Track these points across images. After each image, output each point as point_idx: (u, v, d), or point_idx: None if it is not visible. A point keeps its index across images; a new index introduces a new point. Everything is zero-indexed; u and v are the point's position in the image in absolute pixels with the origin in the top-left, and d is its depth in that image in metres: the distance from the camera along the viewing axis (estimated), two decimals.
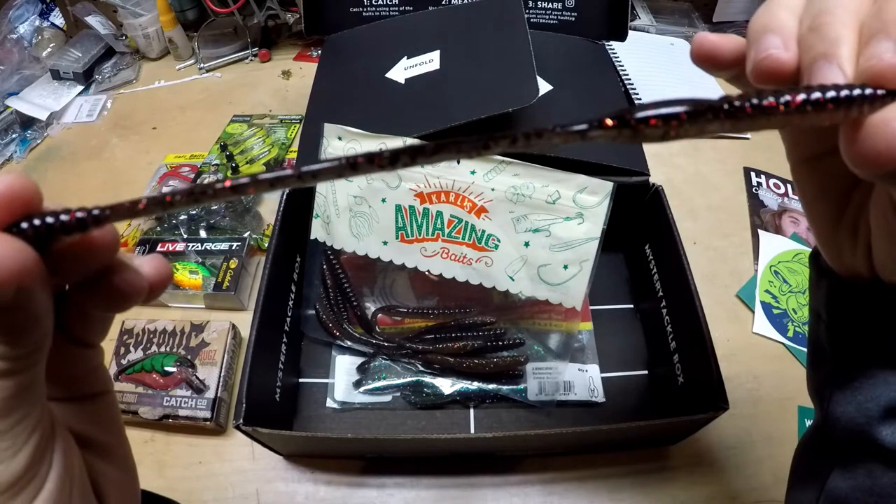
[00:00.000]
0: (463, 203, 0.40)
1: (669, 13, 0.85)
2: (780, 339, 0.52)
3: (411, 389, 0.46)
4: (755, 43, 0.19)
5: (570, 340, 0.49)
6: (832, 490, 0.25)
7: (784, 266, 0.57)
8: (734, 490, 0.43)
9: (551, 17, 0.63)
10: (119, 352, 0.48)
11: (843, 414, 0.24)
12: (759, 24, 0.19)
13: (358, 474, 0.43)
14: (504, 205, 0.39)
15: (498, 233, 0.40)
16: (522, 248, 0.39)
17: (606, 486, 0.43)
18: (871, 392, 0.23)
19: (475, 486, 0.43)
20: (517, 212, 0.39)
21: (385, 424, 0.45)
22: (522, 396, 0.46)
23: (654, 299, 0.48)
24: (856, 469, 0.24)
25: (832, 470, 0.25)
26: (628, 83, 0.73)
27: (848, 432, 0.24)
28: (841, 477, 0.25)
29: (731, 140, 0.69)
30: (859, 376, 0.24)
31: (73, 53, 0.75)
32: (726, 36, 0.20)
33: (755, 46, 0.18)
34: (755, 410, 0.47)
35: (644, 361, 0.49)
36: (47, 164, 0.66)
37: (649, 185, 0.48)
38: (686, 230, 0.45)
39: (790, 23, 0.18)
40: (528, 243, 0.39)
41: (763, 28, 0.19)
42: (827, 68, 0.17)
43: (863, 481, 0.24)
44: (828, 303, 0.25)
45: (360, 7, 0.65)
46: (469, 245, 0.41)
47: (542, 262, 0.39)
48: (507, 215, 0.39)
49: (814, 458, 0.28)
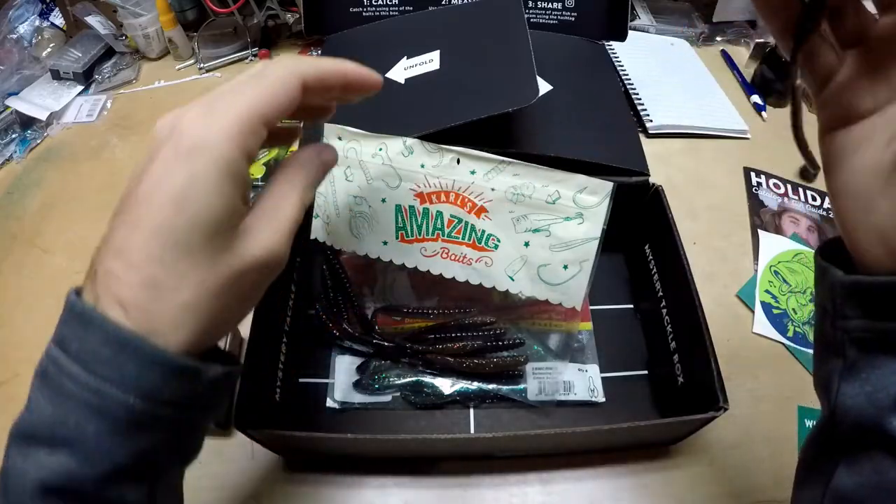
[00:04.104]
0: (463, 203, 0.40)
1: (669, 13, 0.85)
2: (780, 339, 0.52)
3: (411, 389, 0.46)
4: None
5: (570, 340, 0.49)
6: (838, 487, 0.25)
7: (784, 266, 0.57)
8: (734, 490, 0.43)
9: (551, 17, 0.63)
10: None
11: (852, 406, 0.24)
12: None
13: (358, 474, 0.43)
14: (504, 205, 0.39)
15: (498, 233, 0.40)
16: (522, 248, 0.39)
17: (606, 486, 0.43)
18: (881, 382, 0.23)
19: (475, 486, 0.43)
20: (517, 212, 0.39)
21: (385, 424, 0.45)
22: (522, 396, 0.46)
23: (654, 299, 0.48)
24: (862, 465, 0.24)
25: (837, 467, 0.25)
26: (628, 83, 0.73)
27: (858, 424, 0.24)
28: (846, 474, 0.25)
29: (731, 140, 0.69)
30: (867, 367, 0.24)
31: (73, 53, 0.75)
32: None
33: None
34: (755, 410, 0.47)
35: (644, 361, 0.49)
36: (47, 164, 0.66)
37: (649, 185, 0.48)
38: (686, 230, 0.45)
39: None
40: (528, 243, 0.39)
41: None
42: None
43: (869, 477, 0.24)
44: (833, 295, 0.25)
45: (360, 7, 0.65)
46: (469, 245, 0.41)
47: (542, 262, 0.39)
48: (507, 215, 0.39)
49: (818, 456, 0.27)
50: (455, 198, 0.40)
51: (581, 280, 0.39)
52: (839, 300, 0.25)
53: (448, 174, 0.39)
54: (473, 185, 0.39)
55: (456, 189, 0.40)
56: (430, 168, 0.39)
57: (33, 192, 0.63)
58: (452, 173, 0.39)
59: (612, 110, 0.55)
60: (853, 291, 0.24)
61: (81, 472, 0.21)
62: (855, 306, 0.24)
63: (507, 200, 0.39)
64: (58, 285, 0.54)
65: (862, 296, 0.24)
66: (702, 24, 0.84)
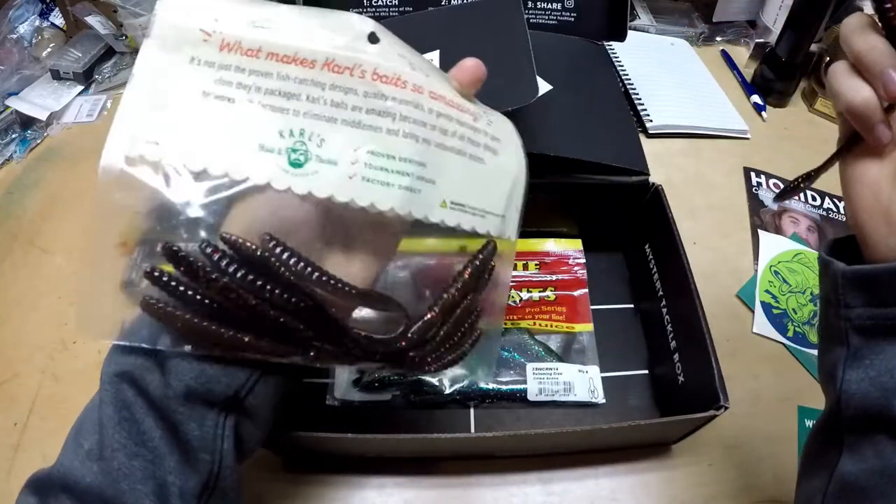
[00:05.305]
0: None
1: (669, 13, 0.85)
2: (779, 339, 0.52)
3: (411, 388, 0.46)
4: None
5: (570, 341, 0.49)
6: (842, 475, 0.26)
7: (784, 266, 0.57)
8: (734, 490, 0.43)
9: (551, 17, 0.63)
10: None
11: (857, 391, 0.25)
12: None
13: (358, 474, 0.43)
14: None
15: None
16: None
17: (606, 486, 0.43)
18: (884, 366, 0.24)
19: (475, 486, 0.43)
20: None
21: (385, 424, 0.45)
22: (522, 396, 0.46)
23: (654, 299, 0.48)
24: (865, 452, 0.25)
25: (841, 456, 0.26)
26: (628, 83, 0.73)
27: (863, 409, 0.25)
28: (850, 461, 0.26)
29: (731, 140, 0.69)
30: (870, 353, 0.25)
31: (73, 53, 0.75)
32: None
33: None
34: (755, 410, 0.47)
35: (644, 361, 0.49)
36: (47, 164, 0.66)
37: (649, 185, 0.48)
38: (686, 230, 0.45)
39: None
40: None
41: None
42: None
43: (873, 463, 0.25)
44: (836, 285, 0.26)
45: (360, 7, 0.65)
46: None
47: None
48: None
49: (823, 446, 0.28)
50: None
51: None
52: (842, 290, 0.26)
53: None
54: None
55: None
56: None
57: (33, 192, 0.63)
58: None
59: (612, 110, 0.54)
60: (855, 280, 0.26)
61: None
62: (857, 295, 0.25)
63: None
64: (58, 285, 0.55)
65: (864, 284, 0.25)
66: (702, 24, 0.84)
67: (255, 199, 0.24)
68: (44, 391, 0.47)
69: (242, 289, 0.24)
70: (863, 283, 0.25)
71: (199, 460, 0.25)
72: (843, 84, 0.26)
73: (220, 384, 0.25)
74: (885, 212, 0.26)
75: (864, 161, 0.27)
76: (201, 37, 0.25)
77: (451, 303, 0.29)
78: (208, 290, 0.24)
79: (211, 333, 0.25)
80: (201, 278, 0.24)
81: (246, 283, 0.24)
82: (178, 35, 0.25)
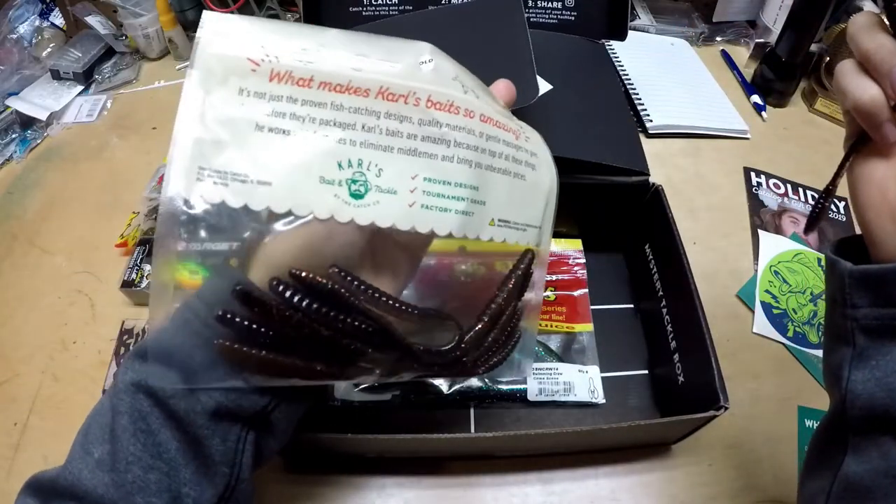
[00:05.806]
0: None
1: (669, 13, 0.85)
2: (780, 339, 0.52)
3: (411, 388, 0.46)
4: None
5: (570, 342, 0.49)
6: (846, 475, 0.26)
7: (784, 266, 0.57)
8: (734, 490, 0.43)
9: (551, 16, 0.63)
10: (119, 352, 0.48)
11: (863, 391, 0.25)
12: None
13: (358, 474, 0.43)
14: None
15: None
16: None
17: (606, 486, 0.43)
18: (890, 367, 0.24)
19: (475, 486, 0.43)
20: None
21: (385, 424, 0.45)
22: (522, 396, 0.46)
23: (654, 299, 0.48)
24: (869, 452, 0.25)
25: (845, 456, 0.26)
26: (628, 83, 0.73)
27: (868, 409, 0.25)
28: (854, 462, 0.26)
29: (731, 140, 0.69)
30: (876, 354, 0.25)
31: (73, 53, 0.75)
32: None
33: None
34: (755, 410, 0.47)
35: (644, 361, 0.49)
36: (47, 164, 0.66)
37: (649, 185, 0.48)
38: (686, 230, 0.45)
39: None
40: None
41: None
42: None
43: (878, 464, 0.25)
44: (842, 285, 0.26)
45: (360, 7, 0.65)
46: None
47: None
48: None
49: (827, 446, 0.28)
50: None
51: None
52: (848, 290, 0.26)
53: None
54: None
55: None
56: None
57: (33, 192, 0.63)
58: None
59: (612, 110, 0.54)
60: (862, 280, 0.26)
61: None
62: (863, 295, 0.25)
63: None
64: (58, 285, 0.55)
65: (871, 284, 0.25)
66: (702, 24, 0.84)
67: (304, 228, 0.25)
68: (44, 391, 0.47)
69: (314, 321, 0.25)
70: (870, 283, 0.25)
71: (219, 473, 0.26)
72: (850, 83, 0.26)
73: (248, 400, 0.26)
74: (892, 211, 0.26)
75: (872, 160, 0.27)
76: (249, 66, 0.24)
77: (498, 311, 0.31)
78: (283, 327, 0.24)
79: (287, 366, 0.25)
80: (275, 316, 0.24)
81: (320, 316, 0.24)
82: (224, 66, 0.24)
